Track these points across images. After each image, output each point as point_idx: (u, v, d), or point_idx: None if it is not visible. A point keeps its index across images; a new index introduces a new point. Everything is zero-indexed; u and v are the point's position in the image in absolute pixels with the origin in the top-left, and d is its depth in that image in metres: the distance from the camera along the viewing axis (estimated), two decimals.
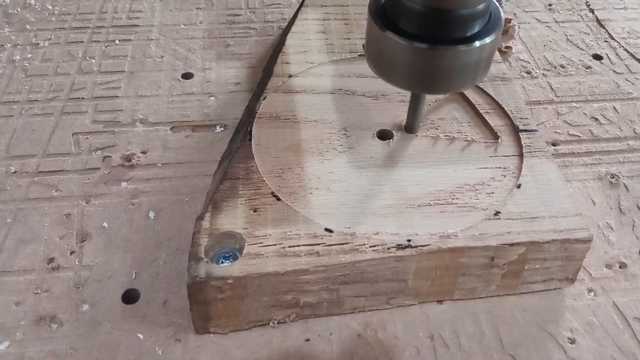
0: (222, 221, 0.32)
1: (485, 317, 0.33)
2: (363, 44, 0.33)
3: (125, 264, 0.35)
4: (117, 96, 0.46)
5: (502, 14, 0.30)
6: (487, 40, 0.28)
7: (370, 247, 0.31)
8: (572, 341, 0.32)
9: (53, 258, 0.35)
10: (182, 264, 0.35)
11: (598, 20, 0.56)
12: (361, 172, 0.35)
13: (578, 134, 0.44)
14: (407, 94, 0.40)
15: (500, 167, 0.35)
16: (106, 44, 0.51)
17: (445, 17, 0.28)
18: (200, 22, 0.54)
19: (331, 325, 0.32)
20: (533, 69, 0.50)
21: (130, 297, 0.33)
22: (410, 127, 0.37)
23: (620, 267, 0.36)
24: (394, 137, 0.37)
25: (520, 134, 0.37)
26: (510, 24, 0.52)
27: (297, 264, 0.30)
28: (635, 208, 0.39)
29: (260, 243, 0.31)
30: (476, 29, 0.29)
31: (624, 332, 0.32)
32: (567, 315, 0.33)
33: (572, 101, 0.47)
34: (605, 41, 0.53)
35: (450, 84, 0.30)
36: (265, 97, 0.40)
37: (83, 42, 0.51)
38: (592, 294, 0.34)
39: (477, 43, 0.28)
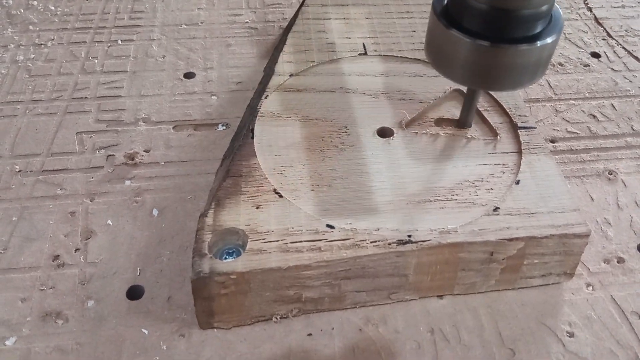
0: (225, 218, 0.32)
1: (485, 311, 0.33)
2: (423, 43, 0.34)
3: (129, 260, 0.35)
4: (120, 96, 0.46)
5: (562, 15, 0.31)
6: (548, 40, 0.29)
7: (371, 242, 0.31)
8: (571, 335, 0.32)
9: (58, 255, 0.35)
10: (186, 260, 0.35)
11: (596, 19, 0.56)
12: (362, 169, 0.35)
13: (576, 131, 0.44)
14: (406, 93, 0.41)
15: (499, 164, 0.36)
16: (109, 44, 0.51)
17: (508, 16, 0.29)
18: (201, 22, 0.54)
19: (333, 320, 0.33)
20: None
21: (134, 293, 0.34)
22: (463, 122, 0.38)
23: (618, 262, 0.36)
24: (394, 135, 0.38)
25: (518, 131, 0.38)
26: None
27: (300, 259, 0.30)
28: (633, 204, 0.39)
29: (263, 239, 0.31)
30: (538, 29, 0.30)
31: (621, 326, 0.33)
32: (565, 309, 0.34)
33: (570, 99, 0.47)
34: (603, 39, 0.53)
35: (509, 81, 0.31)
36: (267, 95, 0.40)
37: (86, 42, 0.51)
38: (591, 288, 0.35)
39: (539, 43, 0.29)
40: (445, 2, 0.32)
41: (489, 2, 0.29)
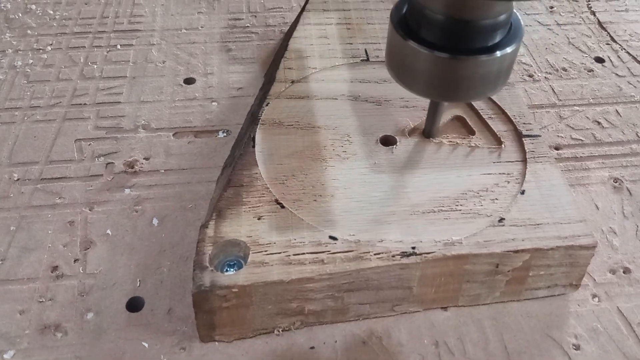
0: (226, 229, 0.32)
1: (490, 323, 0.33)
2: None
3: (129, 271, 0.35)
4: (120, 102, 0.46)
5: (522, 23, 0.30)
6: (508, 50, 0.29)
7: (374, 254, 0.31)
8: (577, 347, 0.32)
9: (57, 266, 0.35)
10: (186, 271, 0.35)
11: (600, 23, 0.56)
12: (364, 178, 0.35)
13: (581, 137, 0.44)
14: (409, 100, 0.40)
15: (504, 173, 0.35)
16: (108, 49, 0.51)
17: (467, 27, 0.28)
18: (201, 27, 0.54)
19: (336, 333, 0.32)
20: (535, 72, 0.50)
21: (134, 305, 0.33)
22: (428, 133, 0.37)
23: (624, 272, 0.36)
24: (397, 143, 0.37)
25: (523, 139, 0.37)
26: None
27: (302, 272, 0.30)
28: (639, 212, 0.39)
29: (265, 251, 0.31)
30: (497, 39, 0.29)
31: (628, 338, 0.33)
32: (571, 321, 0.33)
33: (574, 105, 0.47)
34: (607, 44, 0.53)
35: (471, 92, 0.30)
36: (268, 103, 0.40)
37: (84, 47, 0.51)
38: (596, 299, 0.34)
39: (498, 53, 0.28)
40: (404, 11, 0.31)
41: (446, 12, 0.28)
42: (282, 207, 0.33)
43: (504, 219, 0.33)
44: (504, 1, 0.27)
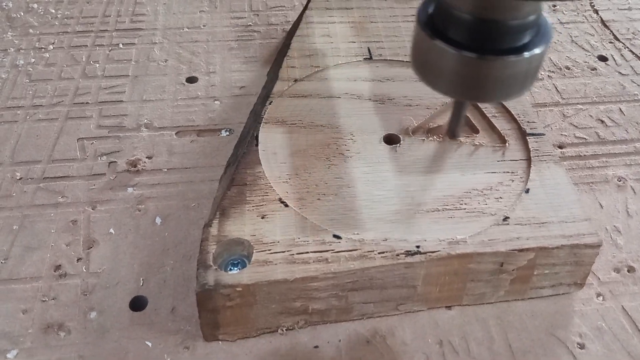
0: (230, 228, 0.32)
1: (494, 322, 0.33)
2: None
3: (132, 270, 0.35)
4: (122, 101, 0.46)
5: (550, 25, 0.30)
6: (537, 51, 0.28)
7: (379, 253, 0.31)
8: (582, 346, 0.32)
9: (60, 265, 0.35)
10: (190, 270, 0.34)
11: (602, 21, 0.55)
12: (368, 177, 0.35)
13: (584, 136, 0.44)
14: (412, 98, 0.40)
15: (508, 172, 0.35)
16: (110, 48, 0.51)
17: (495, 27, 0.28)
18: (203, 25, 0.54)
19: (340, 332, 0.32)
20: None
21: (138, 304, 0.33)
22: (452, 132, 0.37)
23: (628, 270, 0.36)
24: (401, 142, 0.37)
25: (527, 138, 0.37)
26: None
27: (306, 271, 0.30)
28: None
29: (269, 250, 0.31)
30: (526, 40, 0.28)
31: (633, 337, 0.32)
32: (576, 320, 0.33)
33: (578, 103, 0.47)
34: (610, 42, 0.53)
35: (497, 93, 0.30)
36: (271, 101, 0.39)
37: (87, 46, 0.51)
38: (601, 298, 0.34)
39: (526, 54, 0.28)
40: (430, 11, 0.31)
41: (475, 12, 0.27)
42: (286, 205, 0.33)
43: (508, 217, 0.32)
44: (536, 1, 0.27)
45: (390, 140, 0.37)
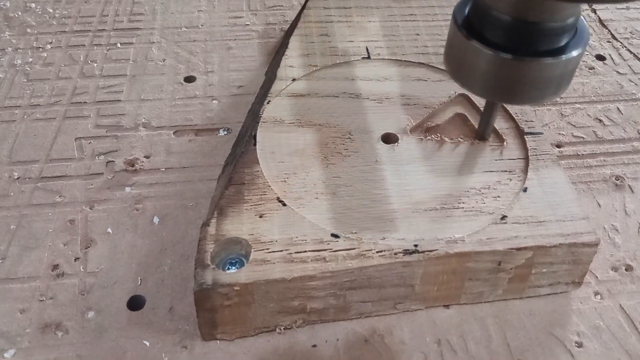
0: (227, 227, 0.31)
1: (492, 321, 0.33)
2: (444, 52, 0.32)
3: (130, 270, 0.35)
4: (120, 100, 0.46)
5: (587, 28, 0.29)
6: (574, 53, 0.28)
7: (377, 252, 0.31)
8: (580, 345, 0.32)
9: (57, 265, 0.35)
10: (188, 269, 0.34)
11: (600, 21, 0.55)
12: (366, 176, 0.35)
13: (582, 135, 0.44)
14: (410, 98, 0.40)
15: (506, 171, 0.35)
16: (108, 48, 0.51)
17: (532, 29, 0.27)
18: (201, 25, 0.54)
19: (338, 331, 0.32)
20: None
21: (135, 303, 0.33)
22: (482, 135, 0.37)
23: (626, 269, 0.36)
24: (399, 141, 0.37)
25: (525, 137, 0.37)
26: None
27: (304, 270, 0.30)
28: None
29: (267, 249, 0.31)
30: (563, 42, 0.28)
31: (630, 335, 0.32)
32: (573, 318, 0.33)
33: (575, 102, 0.47)
34: (608, 41, 0.53)
35: (531, 95, 0.29)
36: (269, 101, 0.39)
37: (84, 45, 0.51)
38: (599, 297, 0.34)
39: (563, 57, 0.28)
40: (467, 12, 0.31)
41: (513, 13, 0.27)
42: (284, 205, 0.33)
43: (506, 216, 0.32)
44: (575, 2, 0.26)
45: (388, 139, 0.37)
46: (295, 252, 0.30)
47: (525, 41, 0.28)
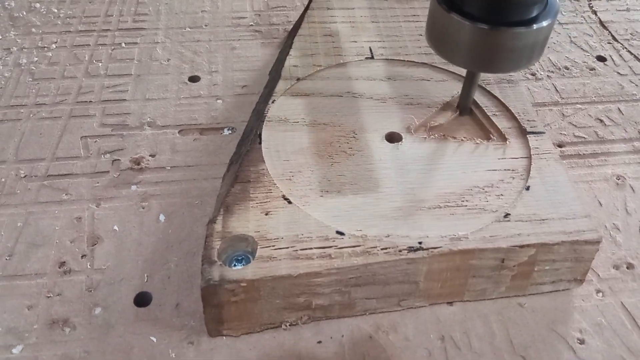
0: (234, 224, 0.32)
1: (495, 318, 0.33)
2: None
3: (136, 266, 0.35)
4: (125, 99, 0.46)
5: (557, 2, 0.33)
6: (544, 23, 0.31)
7: (381, 249, 0.31)
8: (582, 342, 0.32)
9: (64, 262, 0.35)
10: (194, 266, 0.35)
11: (601, 22, 0.56)
12: (371, 174, 0.35)
13: (584, 135, 0.44)
14: (414, 97, 0.41)
15: (509, 169, 0.36)
16: (112, 47, 0.51)
17: (506, 1, 0.31)
18: (205, 25, 0.54)
19: (343, 327, 0.32)
20: (537, 71, 0.50)
21: (142, 300, 0.33)
22: (463, 105, 0.39)
23: (627, 267, 0.36)
24: (403, 140, 0.37)
25: (527, 136, 0.37)
26: None
27: (310, 266, 0.30)
28: None
29: (273, 246, 0.31)
30: (534, 13, 0.31)
31: (632, 332, 0.33)
32: (576, 316, 0.33)
33: (577, 103, 0.47)
34: (609, 43, 0.53)
35: (507, 64, 0.32)
36: (274, 100, 0.40)
37: (89, 45, 0.51)
38: (601, 294, 0.35)
39: (535, 26, 0.31)
40: None
41: None
42: (290, 202, 0.33)
43: (509, 214, 0.33)
44: None
45: (392, 138, 0.38)
46: (301, 249, 0.31)
47: (500, 13, 0.31)
